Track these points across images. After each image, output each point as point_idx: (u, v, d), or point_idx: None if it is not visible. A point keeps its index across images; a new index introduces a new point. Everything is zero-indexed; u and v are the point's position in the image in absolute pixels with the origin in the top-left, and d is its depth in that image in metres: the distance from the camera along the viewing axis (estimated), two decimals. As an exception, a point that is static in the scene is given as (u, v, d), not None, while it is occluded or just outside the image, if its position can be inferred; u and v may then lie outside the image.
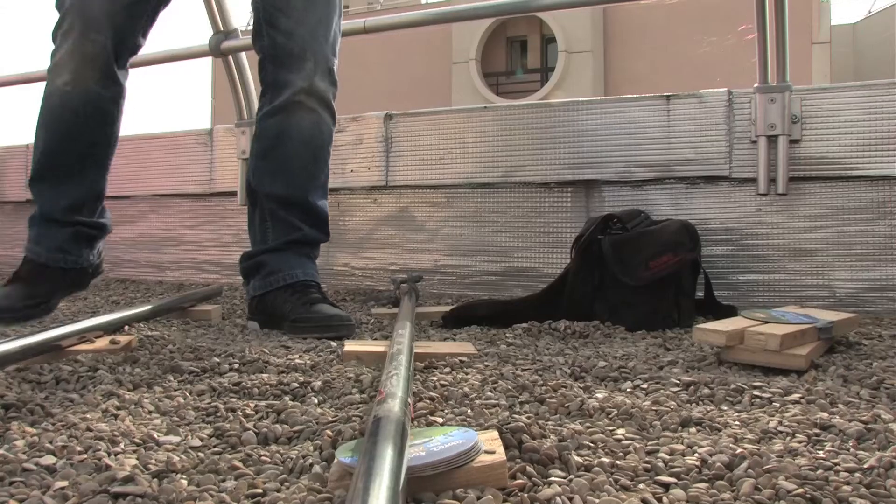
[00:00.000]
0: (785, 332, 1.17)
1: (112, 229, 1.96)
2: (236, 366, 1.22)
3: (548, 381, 1.08)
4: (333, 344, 1.40)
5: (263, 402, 0.99)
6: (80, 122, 1.68)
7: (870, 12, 17.85)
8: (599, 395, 1.00)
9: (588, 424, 0.88)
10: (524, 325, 1.60)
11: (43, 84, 1.73)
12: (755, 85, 1.99)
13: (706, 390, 1.03)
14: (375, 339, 1.49)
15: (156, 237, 3.03)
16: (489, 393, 1.01)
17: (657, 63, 14.51)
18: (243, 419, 0.92)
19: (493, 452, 0.67)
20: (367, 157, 2.54)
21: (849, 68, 16.23)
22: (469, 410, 0.91)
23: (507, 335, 1.53)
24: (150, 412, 0.95)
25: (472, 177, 2.39)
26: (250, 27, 1.80)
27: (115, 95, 1.72)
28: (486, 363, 1.22)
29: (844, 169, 1.97)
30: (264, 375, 1.14)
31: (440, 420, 0.87)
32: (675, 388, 1.05)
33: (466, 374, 1.14)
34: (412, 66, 15.66)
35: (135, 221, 3.11)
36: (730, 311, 1.75)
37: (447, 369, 1.18)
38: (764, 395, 0.99)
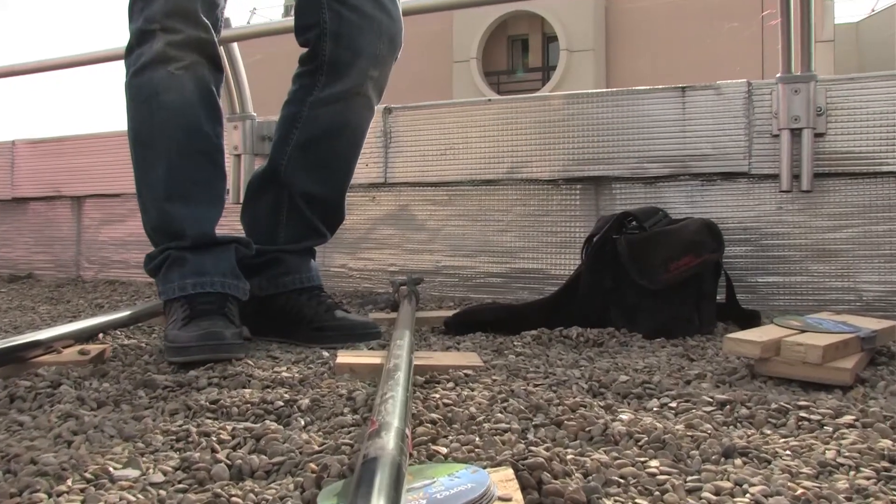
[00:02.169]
0: (827, 343, 1.05)
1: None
2: (216, 380, 1.10)
3: (564, 399, 0.96)
4: (325, 354, 1.28)
5: (242, 425, 0.87)
6: (202, 119, 1.38)
7: (873, 10, 17.74)
8: (624, 417, 0.88)
9: (615, 454, 0.76)
10: (533, 332, 1.48)
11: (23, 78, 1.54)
12: (777, 75, 1.87)
13: (744, 410, 0.91)
14: (371, 348, 1.37)
15: (147, 237, 2.90)
16: (499, 414, 0.89)
17: (659, 61, 14.39)
18: (217, 446, 0.80)
19: (510, 500, 0.55)
20: (365, 152, 2.39)
21: (852, 67, 16.11)
22: (477, 438, 0.78)
23: (516, 343, 1.41)
24: (110, 437, 0.83)
25: (475, 173, 2.27)
26: (246, 21, 1.64)
27: (218, 84, 1.44)
28: (493, 377, 1.10)
29: (872, 164, 1.84)
30: (246, 391, 1.02)
31: (444, 450, 0.75)
32: (709, 408, 0.93)
33: (472, 390, 1.02)
34: (412, 64, 15.50)
35: (125, 220, 2.99)
36: (753, 317, 1.63)
37: (451, 384, 1.06)
38: (812, 416, 0.87)
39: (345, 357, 1.18)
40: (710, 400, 0.96)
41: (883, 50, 15.88)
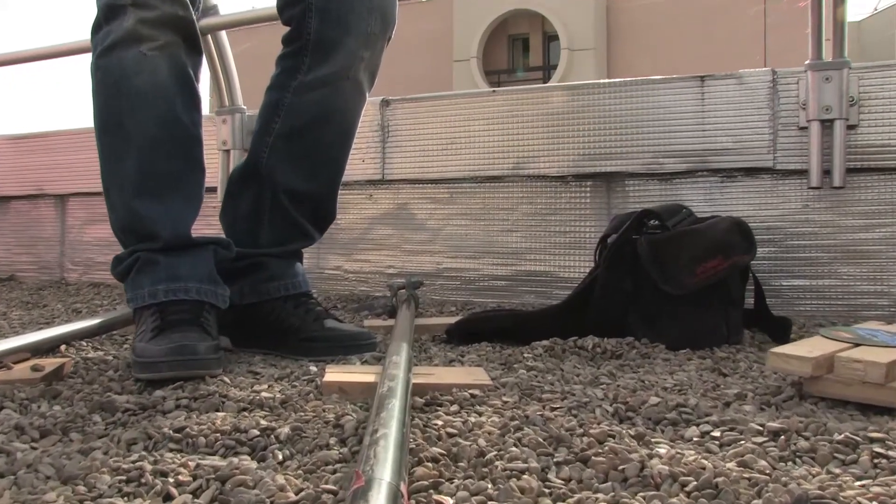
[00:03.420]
0: (891, 360, 0.91)
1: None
2: (185, 401, 0.96)
3: (588, 426, 0.82)
4: (313, 369, 1.14)
5: (208, 461, 0.73)
6: (178, 106, 1.25)
7: (875, 10, 17.61)
8: (662, 451, 0.74)
9: (658, 503, 0.62)
10: (545, 342, 1.34)
11: None
12: (807, 61, 1.73)
13: (803, 442, 0.77)
14: (365, 361, 1.23)
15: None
16: (513, 449, 0.75)
17: (661, 60, 14.26)
18: (173, 490, 0.66)
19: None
20: (361, 147, 2.27)
21: (855, 65, 16.00)
22: (489, 485, 0.64)
23: (526, 355, 1.27)
24: (46, 479, 0.69)
25: (478, 169, 2.13)
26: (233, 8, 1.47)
27: (196, 67, 1.31)
28: (504, 398, 0.95)
29: (908, 158, 1.71)
30: (218, 416, 0.88)
31: (449, 501, 0.60)
32: (760, 439, 0.79)
33: (480, 415, 0.88)
34: (412, 63, 15.40)
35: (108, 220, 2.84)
36: (783, 324, 1.49)
37: (455, 407, 0.92)
38: (890, 452, 0.73)
39: (334, 374, 1.04)
40: (760, 428, 0.81)
41: (885, 49, 15.76)
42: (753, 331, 1.54)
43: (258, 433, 0.82)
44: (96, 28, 1.24)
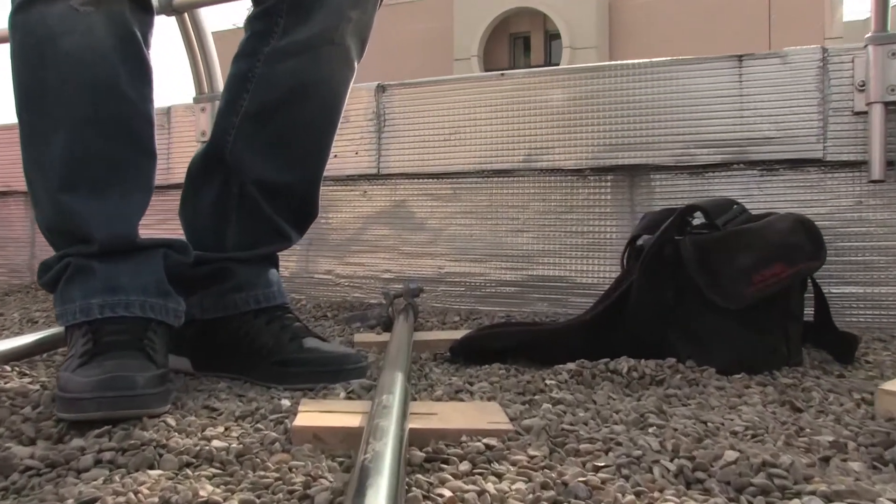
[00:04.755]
0: None
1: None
2: (110, 454, 0.73)
3: (650, 498, 0.59)
4: (286, 403, 0.91)
5: (111, 562, 0.50)
6: (119, 75, 1.01)
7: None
8: (767, 547, 0.51)
9: None
10: (571, 365, 1.11)
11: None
12: (868, 34, 1.50)
13: (965, 532, 0.54)
14: (351, 391, 1.00)
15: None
16: (554, 545, 0.52)
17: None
18: None
19: None
20: (355, 138, 2.05)
21: (862, 64, 15.84)
22: None
23: (549, 382, 1.04)
24: None
25: (484, 162, 1.91)
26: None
27: (145, 29, 1.06)
28: (529, 451, 0.72)
29: (982, 148, 1.49)
30: (149, 478, 0.65)
31: None
32: (899, 524, 0.56)
33: (500, 478, 0.65)
34: (413, 62, 15.21)
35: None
36: (849, 342, 1.26)
37: (465, 465, 0.68)
38: None
39: (308, 415, 0.80)
40: (892, 504, 0.59)
41: (891, 47, 15.59)
42: (807, 347, 1.31)
43: (194, 511, 0.59)
44: None
